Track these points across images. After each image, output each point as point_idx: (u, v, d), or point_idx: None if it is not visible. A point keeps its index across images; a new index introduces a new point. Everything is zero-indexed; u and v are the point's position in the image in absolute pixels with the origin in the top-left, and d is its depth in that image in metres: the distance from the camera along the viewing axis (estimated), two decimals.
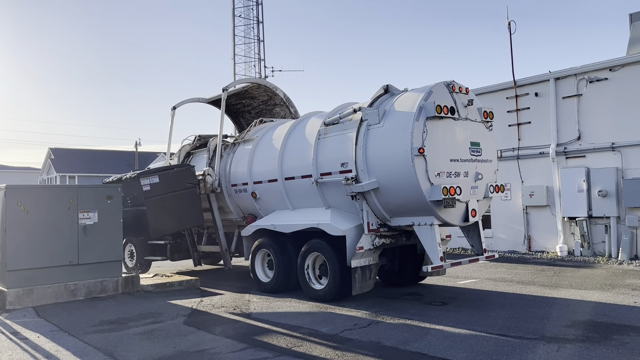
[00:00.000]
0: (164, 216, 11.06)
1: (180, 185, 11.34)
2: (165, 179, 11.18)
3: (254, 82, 13.79)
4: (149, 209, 10.92)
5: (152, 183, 10.97)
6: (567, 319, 7.42)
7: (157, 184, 11.02)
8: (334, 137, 9.43)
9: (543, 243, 15.18)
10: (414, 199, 8.25)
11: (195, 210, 11.51)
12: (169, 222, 11.13)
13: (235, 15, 36.06)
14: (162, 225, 11.08)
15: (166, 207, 11.10)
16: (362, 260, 8.84)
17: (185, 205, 11.34)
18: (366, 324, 7.41)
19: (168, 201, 11.11)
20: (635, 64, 13.51)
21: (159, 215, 10.99)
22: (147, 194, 10.92)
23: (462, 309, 8.25)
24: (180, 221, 11.34)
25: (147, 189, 10.92)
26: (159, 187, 11.05)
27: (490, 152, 9.19)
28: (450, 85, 8.70)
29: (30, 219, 9.63)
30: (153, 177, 11.05)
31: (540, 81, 15.27)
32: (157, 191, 11.01)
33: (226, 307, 8.99)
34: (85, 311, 8.93)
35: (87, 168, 51.33)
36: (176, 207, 11.21)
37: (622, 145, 13.63)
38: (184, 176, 11.49)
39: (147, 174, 11.15)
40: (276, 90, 13.53)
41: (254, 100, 14.11)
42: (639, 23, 16.33)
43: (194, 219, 11.53)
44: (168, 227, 11.27)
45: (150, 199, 10.92)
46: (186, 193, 11.39)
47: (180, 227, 11.62)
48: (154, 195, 10.97)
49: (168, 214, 11.10)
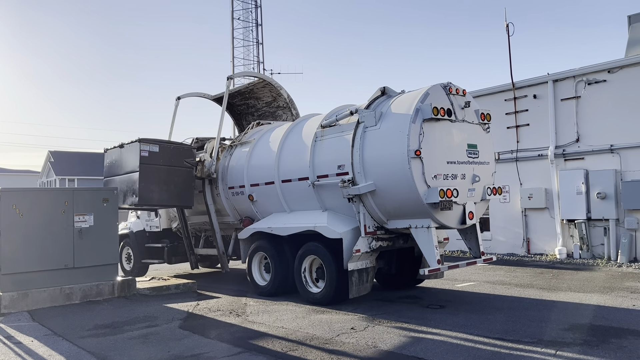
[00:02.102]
0: (154, 186, 10.88)
1: (177, 162, 11.28)
2: (164, 151, 11.08)
3: (259, 78, 13.62)
4: (142, 174, 10.69)
5: (151, 151, 10.87)
6: (566, 322, 7.36)
7: (155, 154, 10.91)
8: (330, 139, 9.39)
9: (542, 246, 15.13)
10: (410, 202, 8.20)
11: (187, 190, 11.39)
12: (157, 193, 10.93)
13: (234, 18, 36.09)
14: (150, 194, 10.83)
15: (158, 178, 10.95)
16: (359, 263, 8.78)
17: (178, 182, 11.24)
18: (363, 328, 7.36)
19: (162, 173, 10.99)
20: (633, 65, 13.48)
21: (150, 183, 10.79)
22: (144, 160, 10.77)
23: (459, 312, 8.20)
24: (169, 196, 11.14)
25: (144, 155, 10.80)
26: (157, 157, 10.94)
27: (487, 154, 9.15)
28: (447, 87, 8.66)
29: (26, 222, 9.58)
30: (154, 145, 10.96)
31: (538, 83, 15.24)
32: (153, 160, 10.89)
33: (222, 311, 8.93)
34: (81, 315, 8.88)
35: (86, 171, 51.26)
36: (168, 181, 11.09)
37: (620, 147, 13.59)
38: (184, 154, 11.43)
39: (149, 142, 10.99)
40: (280, 90, 13.45)
41: (258, 102, 14.05)
42: (637, 25, 16.30)
43: (183, 199, 11.37)
44: (155, 198, 10.98)
45: (145, 165, 10.75)
46: (182, 171, 11.32)
47: (168, 202, 11.33)
48: (150, 163, 10.83)
49: (159, 185, 10.94)
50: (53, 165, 51.84)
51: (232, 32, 35.90)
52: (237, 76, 14.91)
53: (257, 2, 36.38)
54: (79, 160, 53.05)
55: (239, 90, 14.07)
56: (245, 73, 13.29)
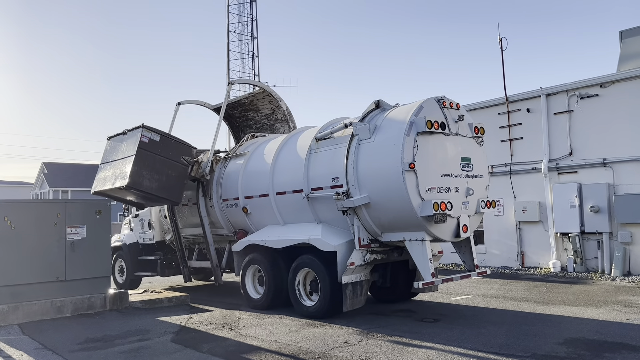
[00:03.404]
0: (147, 172, 10.74)
1: (175, 156, 11.22)
2: (165, 143, 11.05)
3: (260, 87, 13.54)
4: (137, 158, 10.57)
5: (151, 138, 10.84)
6: (560, 336, 7.34)
7: (155, 142, 10.87)
8: (325, 152, 9.40)
9: (536, 259, 15.13)
10: (404, 214, 8.20)
11: (177, 186, 11.31)
12: (148, 180, 10.76)
13: (230, 30, 36.32)
14: (140, 179, 10.66)
15: (152, 166, 10.81)
16: (353, 276, 8.75)
17: (171, 176, 11.15)
18: (357, 342, 7.31)
19: (157, 162, 10.88)
20: (625, 80, 13.62)
21: (142, 169, 10.66)
22: (142, 145, 10.70)
23: (454, 326, 8.16)
24: (159, 187, 10.96)
25: (144, 140, 10.73)
26: (156, 146, 10.89)
27: (481, 167, 9.18)
28: (440, 101, 8.72)
29: (17, 234, 9.50)
30: (155, 134, 10.94)
31: (531, 97, 15.35)
32: (152, 148, 10.83)
33: (215, 324, 8.85)
34: (72, 328, 8.77)
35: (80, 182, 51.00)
36: (162, 172, 10.95)
37: (613, 161, 13.67)
38: (183, 151, 11.41)
39: (152, 130, 10.97)
40: (280, 102, 13.45)
41: (257, 114, 14.05)
42: (629, 40, 16.51)
43: (171, 194, 11.22)
44: (145, 185, 10.77)
45: (142, 150, 10.68)
46: (177, 166, 11.26)
47: (156, 192, 11.06)
48: (148, 150, 10.76)
49: (151, 173, 10.77)
50: (47, 176, 51.64)
51: (227, 45, 36.13)
52: (238, 82, 15.14)
53: (252, 16, 36.67)
54: (73, 172, 52.85)
55: (239, 100, 14.05)
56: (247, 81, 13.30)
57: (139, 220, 13.91)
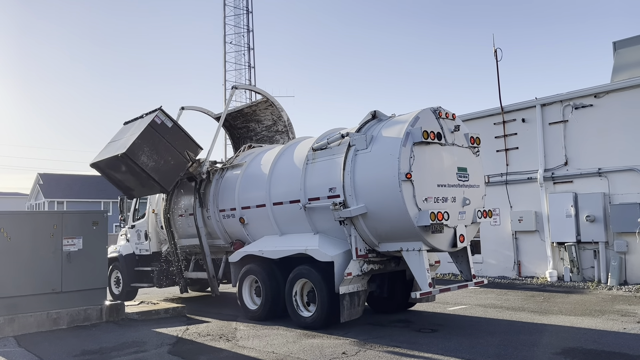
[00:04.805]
0: (147, 149, 10.97)
1: (180, 147, 11.48)
2: (174, 131, 11.42)
3: (264, 95, 13.51)
4: (144, 133, 10.92)
5: (164, 122, 11.24)
6: (557, 346, 7.34)
7: (166, 127, 11.24)
8: (322, 162, 9.43)
9: (533, 268, 15.15)
10: (401, 224, 8.22)
11: (171, 175, 11.45)
12: (145, 156, 10.94)
13: (226, 42, 36.49)
14: (139, 152, 10.86)
15: (155, 146, 11.09)
16: (351, 287, 8.74)
17: (169, 162, 11.34)
18: (354, 352, 7.29)
19: (161, 145, 11.17)
20: (619, 90, 13.74)
21: (144, 144, 10.93)
22: (153, 124, 11.09)
23: (451, 336, 8.15)
24: (154, 167, 11.09)
25: (156, 121, 11.13)
26: (165, 131, 11.22)
27: (477, 177, 9.22)
28: (437, 111, 8.78)
29: (13, 246, 9.46)
30: (169, 120, 11.37)
31: (526, 107, 15.46)
32: (161, 130, 11.17)
33: (212, 336, 8.82)
34: (67, 340, 8.72)
35: (76, 193, 50.88)
36: (162, 155, 11.19)
37: (608, 171, 13.75)
38: (189, 146, 11.66)
39: (167, 115, 11.42)
40: (282, 113, 13.49)
41: (259, 125, 14.07)
42: (622, 51, 16.67)
43: (163, 179, 11.28)
44: (141, 159, 10.88)
45: (151, 129, 11.05)
46: (178, 156, 11.46)
47: (149, 171, 11.10)
48: (157, 130, 11.12)
49: (151, 151, 11.02)
50: (42, 187, 51.42)
51: (224, 56, 36.28)
52: (242, 87, 15.29)
53: (249, 27, 36.86)
54: (69, 183, 52.67)
55: (242, 110, 14.07)
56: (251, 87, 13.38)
57: (136, 231, 13.88)
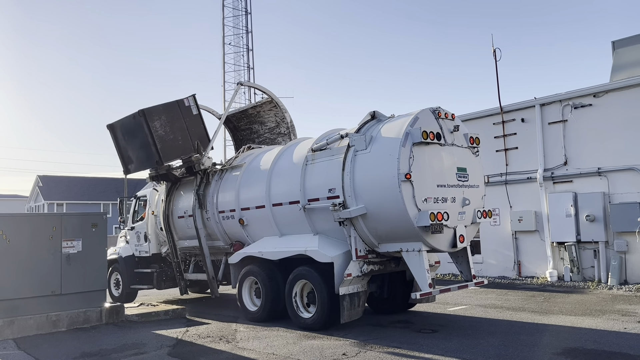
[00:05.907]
0: (165, 119, 11.66)
1: (193, 134, 12.07)
2: (196, 119, 12.17)
3: (269, 94, 13.50)
4: (168, 105, 11.80)
5: (190, 105, 12.09)
6: (558, 346, 7.33)
7: (190, 111, 12.07)
8: (321, 163, 9.42)
9: (533, 268, 15.14)
10: (401, 225, 8.20)
11: (173, 151, 11.86)
12: (159, 124, 11.57)
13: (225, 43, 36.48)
14: (155, 118, 11.54)
15: (172, 121, 11.77)
16: (351, 288, 8.73)
17: (177, 140, 11.87)
18: (355, 353, 7.27)
19: (177, 122, 11.87)
20: (618, 90, 13.74)
21: (162, 113, 11.67)
22: (180, 102, 11.97)
23: (451, 336, 8.14)
24: (160, 136, 11.61)
25: (184, 102, 12.01)
26: (188, 113, 12.03)
27: (477, 177, 9.21)
28: (436, 112, 8.76)
29: (12, 248, 9.44)
30: (196, 108, 12.21)
31: (526, 107, 15.46)
32: (184, 112, 12.00)
33: (212, 337, 8.80)
34: (67, 343, 8.70)
35: (75, 195, 50.89)
36: (173, 131, 11.80)
37: (607, 170, 13.74)
38: (202, 137, 12.21)
39: (197, 103, 12.24)
40: (285, 114, 13.50)
41: (262, 127, 14.06)
42: (621, 50, 16.67)
43: (164, 149, 11.69)
44: (154, 122, 11.52)
45: (175, 104, 11.90)
46: (187, 140, 12.01)
47: (155, 137, 11.56)
48: (180, 108, 11.95)
49: (166, 122, 11.68)
50: (42, 189, 51.41)
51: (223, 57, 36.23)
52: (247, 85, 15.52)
53: (247, 28, 36.86)
54: (68, 185, 52.67)
55: (246, 110, 14.04)
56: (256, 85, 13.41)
57: (135, 232, 13.86)
